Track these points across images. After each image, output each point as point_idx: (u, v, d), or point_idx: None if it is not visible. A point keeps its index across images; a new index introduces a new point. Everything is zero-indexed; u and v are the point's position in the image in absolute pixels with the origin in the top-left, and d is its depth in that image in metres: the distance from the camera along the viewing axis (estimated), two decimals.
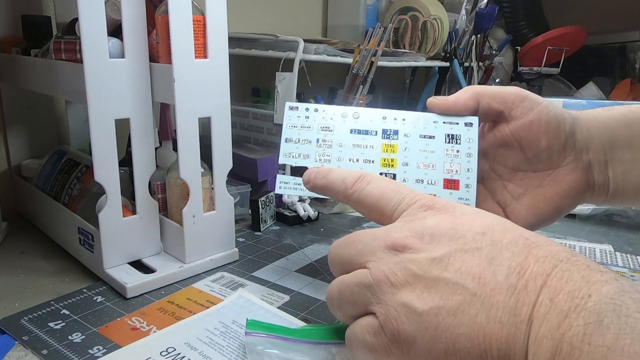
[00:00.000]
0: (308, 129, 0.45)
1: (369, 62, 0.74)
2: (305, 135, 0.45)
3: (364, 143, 0.44)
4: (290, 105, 0.46)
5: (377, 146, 0.44)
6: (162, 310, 0.47)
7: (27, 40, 0.67)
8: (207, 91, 0.52)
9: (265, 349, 0.38)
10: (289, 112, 0.45)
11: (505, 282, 0.28)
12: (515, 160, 0.45)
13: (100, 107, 0.48)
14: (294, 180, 0.44)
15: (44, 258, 0.59)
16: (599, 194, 0.45)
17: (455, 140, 0.44)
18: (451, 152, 0.44)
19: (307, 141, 0.44)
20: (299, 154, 0.44)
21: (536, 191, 0.44)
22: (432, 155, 0.44)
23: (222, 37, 0.52)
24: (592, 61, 1.37)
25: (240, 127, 0.84)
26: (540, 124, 0.43)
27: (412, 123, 0.45)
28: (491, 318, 0.27)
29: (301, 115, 0.45)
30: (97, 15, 0.46)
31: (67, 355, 0.40)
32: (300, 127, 0.45)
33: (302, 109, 0.45)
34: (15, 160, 0.71)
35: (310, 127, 0.45)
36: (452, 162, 0.43)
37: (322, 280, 0.54)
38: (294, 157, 0.44)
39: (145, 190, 0.53)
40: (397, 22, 1.07)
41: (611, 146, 0.44)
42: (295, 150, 0.44)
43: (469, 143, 0.44)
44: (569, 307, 0.25)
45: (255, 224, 0.68)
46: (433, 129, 0.44)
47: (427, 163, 0.44)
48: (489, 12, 1.06)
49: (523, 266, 0.28)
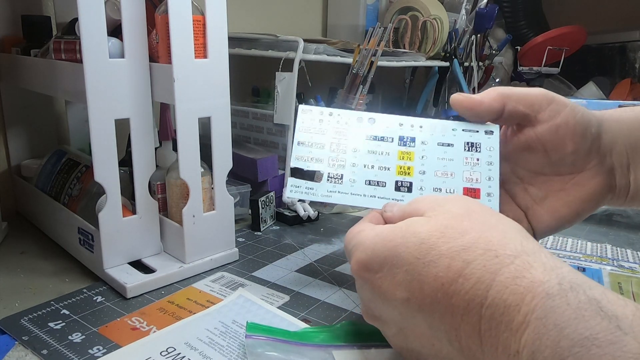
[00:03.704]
0: (321, 133, 0.43)
1: (369, 62, 0.74)
2: (319, 139, 0.43)
3: (380, 149, 0.43)
4: (304, 109, 0.44)
5: (394, 153, 0.43)
6: (162, 310, 0.47)
7: (27, 40, 0.67)
8: (207, 91, 0.52)
9: (265, 351, 0.38)
10: (302, 115, 0.44)
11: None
12: (538, 163, 0.44)
13: (100, 107, 0.48)
14: (305, 185, 0.42)
15: (44, 258, 0.59)
16: (619, 197, 0.44)
17: (475, 148, 0.43)
18: (471, 160, 0.43)
19: (320, 145, 0.43)
20: (311, 158, 0.43)
21: (558, 195, 0.43)
22: (450, 163, 0.43)
23: (222, 37, 0.52)
24: (592, 61, 1.37)
25: (240, 127, 0.84)
26: (567, 128, 0.41)
27: (430, 130, 0.44)
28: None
29: (314, 119, 0.44)
30: (97, 15, 0.46)
31: (67, 355, 0.40)
32: (314, 130, 0.44)
33: (316, 113, 0.44)
34: (15, 160, 0.71)
35: (323, 131, 0.43)
36: (472, 171, 0.43)
37: (322, 280, 0.54)
38: (306, 160, 0.43)
39: (145, 190, 0.53)
40: (397, 22, 1.07)
41: (634, 149, 0.43)
42: (307, 153, 0.43)
43: (489, 151, 0.43)
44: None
45: (255, 224, 0.68)
46: (452, 136, 0.43)
47: (445, 171, 0.43)
48: (489, 12, 1.06)
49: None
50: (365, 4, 1.09)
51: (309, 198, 0.42)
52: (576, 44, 1.27)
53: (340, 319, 0.46)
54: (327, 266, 0.57)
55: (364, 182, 0.42)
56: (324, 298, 0.50)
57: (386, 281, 0.32)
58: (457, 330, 0.29)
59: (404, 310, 0.32)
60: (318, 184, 0.42)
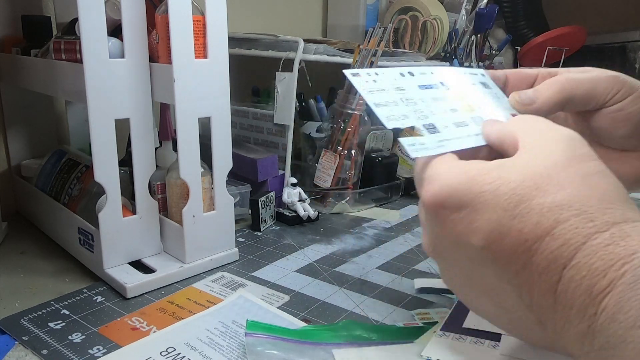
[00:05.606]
0: (383, 91, 0.40)
1: (369, 62, 0.74)
2: (387, 97, 0.40)
3: (436, 95, 0.41)
4: (352, 72, 0.41)
5: (446, 96, 0.41)
6: (162, 310, 0.47)
7: (27, 40, 0.67)
8: (207, 91, 0.52)
9: (265, 349, 0.38)
10: (355, 78, 0.40)
11: None
12: (589, 135, 0.41)
13: (100, 107, 0.48)
14: (418, 141, 0.37)
15: (44, 258, 0.59)
16: None
17: (487, 86, 0.43)
18: (495, 95, 0.42)
19: (393, 102, 0.40)
20: (398, 115, 0.39)
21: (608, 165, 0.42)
22: (485, 98, 0.42)
23: (222, 37, 0.52)
24: (592, 61, 1.37)
25: (240, 127, 0.84)
26: (635, 114, 0.40)
27: (454, 73, 0.43)
28: None
29: (369, 80, 0.41)
30: (97, 15, 0.46)
31: (67, 355, 0.40)
32: (376, 90, 0.40)
33: (364, 74, 0.41)
34: (15, 160, 0.71)
35: (383, 89, 0.40)
36: (502, 107, 0.42)
37: (322, 280, 0.54)
38: (396, 119, 0.39)
39: (145, 190, 0.53)
40: (397, 22, 1.07)
41: None
42: (391, 112, 0.39)
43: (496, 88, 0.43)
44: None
45: (255, 224, 0.68)
46: (469, 75, 0.43)
47: (490, 106, 0.41)
48: (489, 12, 1.06)
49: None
50: (365, 4, 1.09)
51: (425, 153, 0.37)
52: (576, 44, 1.27)
53: (340, 319, 0.46)
54: (327, 266, 0.57)
55: (453, 125, 0.39)
56: (324, 298, 0.50)
57: (462, 224, 0.31)
58: (530, 287, 0.28)
59: (475, 257, 0.31)
60: (426, 138, 0.38)
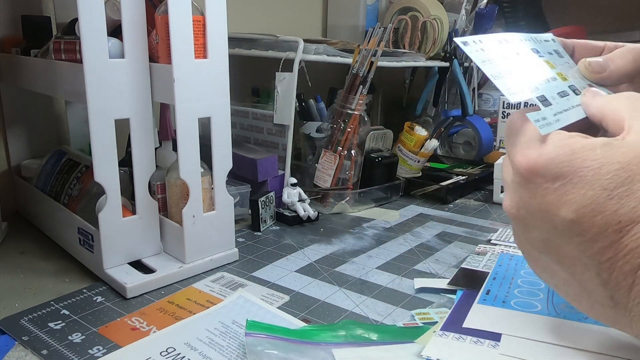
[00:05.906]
0: (493, 61, 0.39)
1: (369, 62, 0.74)
2: (499, 68, 0.39)
3: (536, 62, 0.40)
4: (462, 41, 0.39)
5: (542, 64, 0.40)
6: (162, 311, 0.47)
7: (27, 40, 0.67)
8: (207, 91, 0.52)
9: (265, 349, 0.38)
10: (467, 47, 0.39)
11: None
12: None
13: (100, 107, 0.48)
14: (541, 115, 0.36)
15: (44, 258, 0.59)
16: None
17: (559, 54, 0.43)
18: (570, 65, 0.42)
19: (507, 72, 0.38)
20: (516, 88, 0.38)
21: None
22: (566, 67, 0.41)
23: (222, 37, 0.52)
24: None
25: (240, 127, 0.84)
26: None
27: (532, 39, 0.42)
28: None
29: (478, 49, 0.40)
30: (97, 15, 0.46)
31: (67, 355, 0.40)
32: (487, 60, 0.39)
33: (471, 42, 0.40)
34: (15, 160, 0.71)
35: (492, 60, 0.39)
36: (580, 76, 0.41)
37: (322, 280, 0.54)
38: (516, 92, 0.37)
39: (145, 190, 0.53)
40: (397, 22, 1.07)
41: None
42: (510, 85, 0.38)
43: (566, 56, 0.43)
44: None
45: (255, 224, 0.68)
46: (546, 42, 0.43)
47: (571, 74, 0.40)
48: (489, 12, 1.06)
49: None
50: (365, 4, 1.09)
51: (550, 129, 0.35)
52: None
53: (340, 319, 0.46)
54: (327, 266, 0.57)
55: (557, 96, 0.38)
56: (324, 298, 0.50)
57: (554, 195, 0.30)
58: (612, 265, 0.28)
59: (562, 228, 0.30)
60: (543, 112, 0.36)
